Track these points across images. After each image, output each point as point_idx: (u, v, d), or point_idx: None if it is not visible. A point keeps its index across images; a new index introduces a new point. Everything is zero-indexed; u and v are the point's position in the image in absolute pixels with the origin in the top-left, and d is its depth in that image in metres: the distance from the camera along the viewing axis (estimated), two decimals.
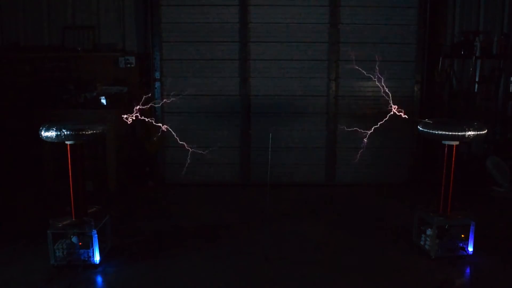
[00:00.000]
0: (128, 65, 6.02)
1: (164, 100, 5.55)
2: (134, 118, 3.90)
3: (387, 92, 6.17)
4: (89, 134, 3.57)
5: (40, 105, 5.64)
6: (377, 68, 6.13)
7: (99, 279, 3.51)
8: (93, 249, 3.59)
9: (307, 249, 4.03)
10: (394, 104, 6.32)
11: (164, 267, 3.65)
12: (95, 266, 3.60)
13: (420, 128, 3.86)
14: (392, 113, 6.10)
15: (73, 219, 3.67)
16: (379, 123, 6.16)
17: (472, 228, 3.74)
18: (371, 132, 6.21)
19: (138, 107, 3.94)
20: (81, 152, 3.71)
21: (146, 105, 4.04)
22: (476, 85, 6.13)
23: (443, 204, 3.83)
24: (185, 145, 6.27)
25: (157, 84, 6.10)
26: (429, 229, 3.81)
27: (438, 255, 3.74)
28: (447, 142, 3.73)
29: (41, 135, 3.55)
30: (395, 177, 6.27)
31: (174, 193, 5.85)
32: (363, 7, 5.99)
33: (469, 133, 3.58)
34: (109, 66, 6.01)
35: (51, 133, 3.49)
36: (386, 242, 4.17)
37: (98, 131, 3.65)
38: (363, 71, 6.12)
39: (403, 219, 4.60)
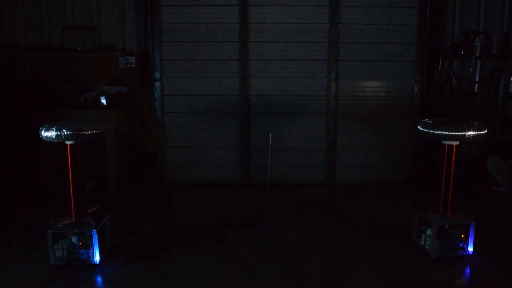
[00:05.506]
0: (128, 65, 6.02)
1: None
2: None
3: (387, 92, 6.21)
4: (89, 134, 3.57)
5: (40, 105, 5.63)
6: (377, 68, 6.16)
7: (99, 279, 3.51)
8: (93, 249, 3.58)
9: (307, 248, 4.02)
10: (394, 104, 6.36)
11: (164, 267, 3.65)
12: (95, 266, 3.60)
13: (420, 128, 3.85)
14: (392, 113, 6.10)
15: (73, 219, 3.67)
16: (379, 123, 6.20)
17: (472, 228, 3.74)
18: (371, 132, 6.24)
19: None
20: (81, 152, 3.71)
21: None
22: (476, 85, 6.13)
23: (443, 204, 3.83)
24: (185, 145, 6.30)
25: (157, 84, 6.10)
26: (429, 229, 3.80)
27: (438, 255, 3.74)
28: (447, 142, 3.73)
29: (41, 135, 3.55)
30: (395, 177, 6.26)
31: (174, 193, 5.85)
32: (363, 7, 5.99)
33: (469, 133, 3.58)
34: (109, 66, 6.01)
35: (51, 133, 3.49)
36: (386, 242, 4.16)
37: (98, 131, 3.65)
38: (363, 71, 6.16)
39: (403, 219, 4.60)
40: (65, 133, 3.48)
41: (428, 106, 6.17)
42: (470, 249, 3.76)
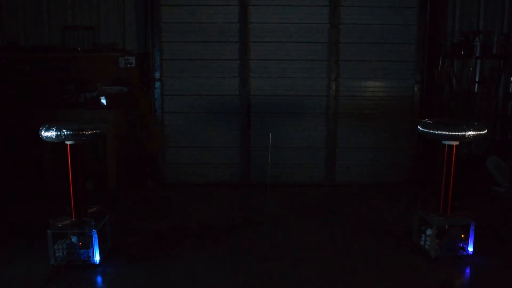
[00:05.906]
0: (128, 65, 6.02)
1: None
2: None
3: (387, 92, 6.21)
4: (89, 134, 3.57)
5: (40, 105, 5.64)
6: (377, 68, 6.16)
7: (99, 279, 3.51)
8: (93, 249, 3.59)
9: (307, 249, 4.02)
10: (394, 104, 6.35)
11: (164, 267, 3.65)
12: (95, 266, 3.60)
13: (420, 128, 3.85)
14: (392, 113, 6.09)
15: (73, 219, 3.67)
16: (379, 123, 6.20)
17: (472, 228, 3.74)
18: (371, 132, 6.24)
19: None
20: (81, 152, 3.71)
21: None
22: (476, 85, 6.13)
23: (443, 204, 3.83)
24: (185, 145, 6.30)
25: (157, 84, 6.10)
26: (429, 229, 3.80)
27: (438, 255, 3.74)
28: (447, 142, 3.73)
29: (41, 135, 3.55)
30: (395, 177, 6.26)
31: (174, 193, 5.85)
32: (363, 7, 5.99)
33: (469, 133, 3.58)
34: (109, 66, 6.01)
35: (51, 133, 3.49)
36: (386, 242, 4.16)
37: (98, 131, 3.65)
38: (363, 71, 6.16)
39: (403, 219, 4.60)
40: (65, 133, 3.49)
41: (428, 106, 6.17)
42: (470, 249, 3.76)
